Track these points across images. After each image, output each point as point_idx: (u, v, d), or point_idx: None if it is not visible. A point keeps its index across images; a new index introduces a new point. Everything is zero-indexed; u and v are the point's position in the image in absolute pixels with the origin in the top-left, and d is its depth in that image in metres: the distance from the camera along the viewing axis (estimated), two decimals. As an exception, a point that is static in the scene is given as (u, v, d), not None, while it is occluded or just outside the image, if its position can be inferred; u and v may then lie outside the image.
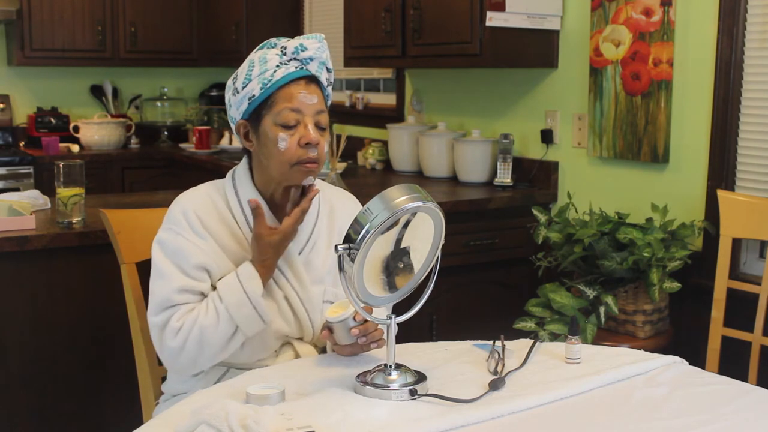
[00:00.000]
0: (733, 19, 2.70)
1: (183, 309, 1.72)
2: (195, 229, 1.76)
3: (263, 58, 1.77)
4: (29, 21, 4.98)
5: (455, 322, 3.21)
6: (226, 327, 1.70)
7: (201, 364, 1.74)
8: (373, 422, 1.39)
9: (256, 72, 1.76)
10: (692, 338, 2.72)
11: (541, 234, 2.85)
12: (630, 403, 1.51)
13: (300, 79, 1.76)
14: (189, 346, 1.70)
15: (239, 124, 1.81)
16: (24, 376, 2.49)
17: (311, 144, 1.75)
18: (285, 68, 1.76)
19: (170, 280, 1.73)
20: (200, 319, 1.70)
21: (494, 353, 1.66)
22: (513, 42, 3.26)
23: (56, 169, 2.53)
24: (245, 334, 1.73)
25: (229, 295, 1.71)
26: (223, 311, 1.70)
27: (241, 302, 1.70)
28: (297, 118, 1.75)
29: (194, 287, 1.73)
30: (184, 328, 1.71)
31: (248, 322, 1.71)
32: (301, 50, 1.77)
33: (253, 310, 1.70)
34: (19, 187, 4.47)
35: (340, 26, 4.15)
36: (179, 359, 1.73)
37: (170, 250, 1.75)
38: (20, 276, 2.47)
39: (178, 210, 1.79)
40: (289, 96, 1.75)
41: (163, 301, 1.73)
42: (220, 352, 1.73)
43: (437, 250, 1.57)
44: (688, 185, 2.88)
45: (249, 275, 1.72)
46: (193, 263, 1.74)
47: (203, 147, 5.00)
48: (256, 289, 1.71)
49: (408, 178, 3.80)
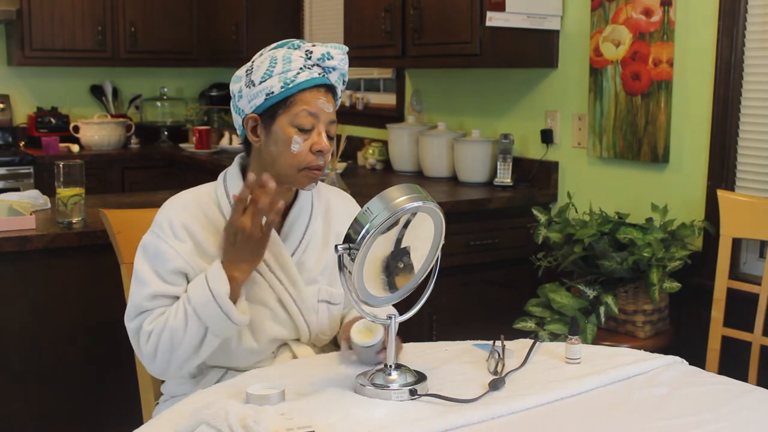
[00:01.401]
0: (733, 19, 2.70)
1: (155, 313, 1.72)
2: (176, 233, 1.75)
3: (287, 57, 1.75)
4: (29, 21, 4.98)
5: (455, 322, 3.21)
6: (195, 327, 1.68)
7: (175, 367, 1.72)
8: (373, 422, 1.39)
9: (278, 69, 1.74)
10: (692, 338, 2.72)
11: (541, 234, 2.85)
12: (630, 403, 1.51)
13: (321, 86, 1.76)
14: (161, 349, 1.69)
15: (249, 117, 1.78)
16: (24, 376, 2.49)
17: (322, 152, 1.75)
18: (309, 72, 1.75)
19: (145, 285, 1.72)
20: (170, 321, 1.69)
21: (494, 353, 1.66)
22: (513, 42, 3.26)
23: (56, 169, 2.53)
24: (216, 335, 1.69)
25: (196, 294, 1.68)
26: (191, 312, 1.68)
27: (207, 300, 1.66)
28: (313, 123, 1.74)
29: (169, 292, 1.72)
30: (155, 332, 1.70)
31: (216, 321, 1.67)
32: (327, 58, 1.77)
33: (218, 308, 1.66)
34: (19, 187, 4.47)
35: (340, 26, 4.15)
36: (154, 363, 1.72)
37: (150, 254, 1.75)
38: (20, 276, 2.47)
39: (163, 215, 1.79)
40: (308, 100, 1.74)
41: (136, 306, 1.73)
42: (192, 354, 1.70)
43: (437, 250, 1.57)
44: (688, 185, 2.88)
45: (215, 274, 1.68)
46: (171, 268, 1.73)
47: (203, 147, 5.00)
48: (222, 288, 1.66)
49: (408, 178, 3.80)
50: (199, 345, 1.70)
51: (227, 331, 1.70)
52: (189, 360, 1.71)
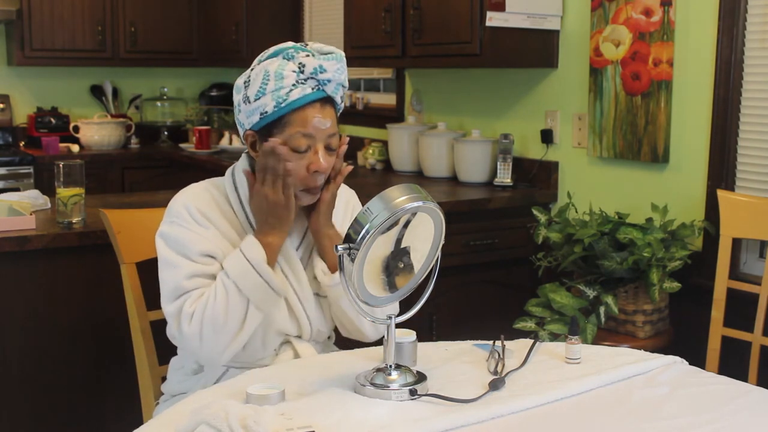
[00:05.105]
0: (733, 19, 2.70)
1: (195, 294, 1.70)
2: (197, 220, 1.75)
3: (279, 73, 1.70)
4: (29, 21, 4.98)
5: (455, 322, 3.21)
6: (238, 301, 1.68)
7: (223, 346, 1.70)
8: (373, 422, 1.39)
9: (271, 87, 1.70)
10: (692, 338, 2.72)
11: (541, 234, 2.85)
12: (630, 403, 1.51)
13: (315, 102, 1.72)
14: (206, 328, 1.68)
15: (248, 133, 1.78)
16: (24, 376, 2.49)
17: (319, 172, 1.74)
18: (301, 88, 1.70)
19: (178, 268, 1.71)
20: (211, 299, 1.68)
21: (494, 353, 1.66)
22: (513, 42, 3.26)
23: (56, 169, 2.53)
24: (258, 308, 1.70)
25: (234, 267, 1.69)
26: (230, 285, 1.68)
27: (246, 271, 1.67)
28: (309, 143, 1.72)
29: (203, 271, 1.72)
30: (197, 311, 1.68)
31: (257, 291, 1.68)
32: (320, 71, 1.71)
33: (258, 276, 1.67)
34: (19, 187, 4.47)
35: (340, 26, 4.15)
36: (201, 344, 1.70)
37: (173, 242, 1.74)
38: (20, 276, 2.47)
39: (179, 203, 1.78)
40: (303, 120, 1.70)
41: (174, 289, 1.72)
42: (238, 330, 1.69)
43: (437, 250, 1.57)
44: (688, 185, 2.88)
45: (250, 244, 1.70)
46: (198, 251, 1.72)
47: (203, 147, 5.00)
48: (258, 255, 1.68)
49: (408, 178, 3.80)
50: (242, 319, 1.69)
51: (268, 300, 1.71)
52: (236, 338, 1.70)
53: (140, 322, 2.03)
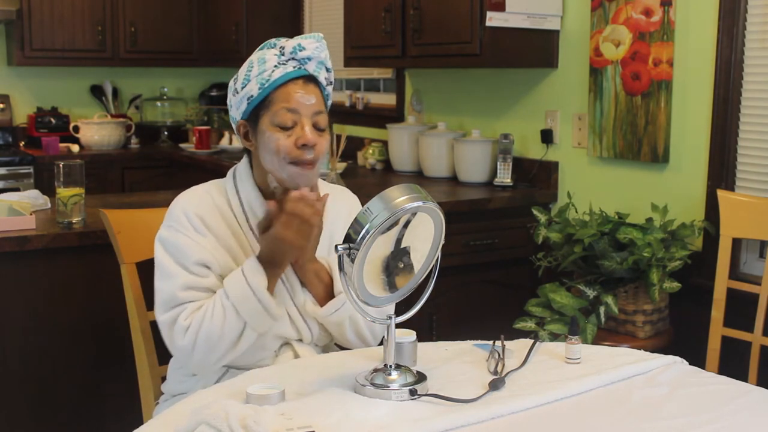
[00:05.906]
0: (733, 19, 2.70)
1: (190, 307, 1.72)
2: (195, 227, 1.77)
3: (262, 58, 1.77)
4: (29, 21, 4.98)
5: (455, 322, 3.21)
6: (234, 323, 1.70)
7: (214, 361, 1.73)
8: (373, 422, 1.39)
9: (255, 72, 1.76)
10: (692, 338, 2.72)
11: (541, 234, 2.85)
12: (630, 403, 1.51)
13: (297, 79, 1.76)
14: (199, 345, 1.70)
15: (239, 124, 1.82)
16: (24, 375, 2.49)
17: (307, 145, 1.74)
18: (283, 68, 1.76)
19: (174, 277, 1.73)
20: (208, 316, 1.70)
21: (494, 353, 1.66)
22: (513, 42, 3.26)
23: (56, 169, 2.53)
24: (254, 330, 1.72)
25: (234, 290, 1.70)
26: (229, 307, 1.69)
27: (246, 296, 1.69)
28: (294, 118, 1.74)
29: (198, 283, 1.73)
30: (192, 326, 1.70)
31: (255, 316, 1.70)
32: (299, 50, 1.76)
33: (258, 303, 1.69)
34: (19, 187, 4.47)
35: (340, 26, 4.15)
36: (192, 358, 1.72)
37: (171, 248, 1.75)
38: (20, 276, 2.47)
39: (179, 208, 1.79)
40: (286, 96, 1.74)
41: (168, 299, 1.73)
42: (231, 348, 1.72)
43: (437, 250, 1.57)
44: (688, 185, 2.88)
45: (253, 269, 1.71)
46: (194, 260, 1.74)
47: (203, 147, 5.00)
48: (261, 283, 1.69)
49: (408, 178, 3.80)
50: (237, 340, 1.71)
51: (265, 325, 1.73)
52: (227, 354, 1.72)
53: (140, 322, 2.03)
